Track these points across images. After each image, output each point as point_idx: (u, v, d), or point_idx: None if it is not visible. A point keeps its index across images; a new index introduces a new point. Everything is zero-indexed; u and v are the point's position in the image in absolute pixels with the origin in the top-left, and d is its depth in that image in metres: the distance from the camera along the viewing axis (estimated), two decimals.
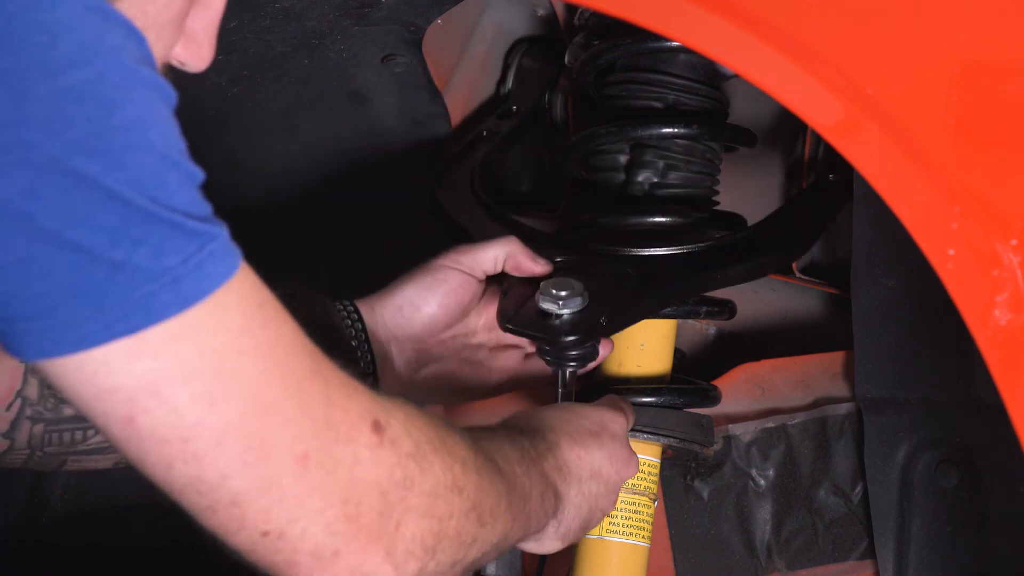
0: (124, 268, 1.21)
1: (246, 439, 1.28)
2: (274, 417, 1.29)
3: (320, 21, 2.01)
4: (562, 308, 1.79)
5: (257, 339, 1.28)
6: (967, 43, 1.51)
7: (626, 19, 1.58)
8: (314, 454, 1.31)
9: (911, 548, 2.01)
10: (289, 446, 1.30)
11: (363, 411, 1.35)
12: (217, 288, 1.26)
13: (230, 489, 1.29)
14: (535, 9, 2.13)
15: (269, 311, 1.31)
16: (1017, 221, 1.48)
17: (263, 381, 1.29)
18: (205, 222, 1.26)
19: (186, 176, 1.25)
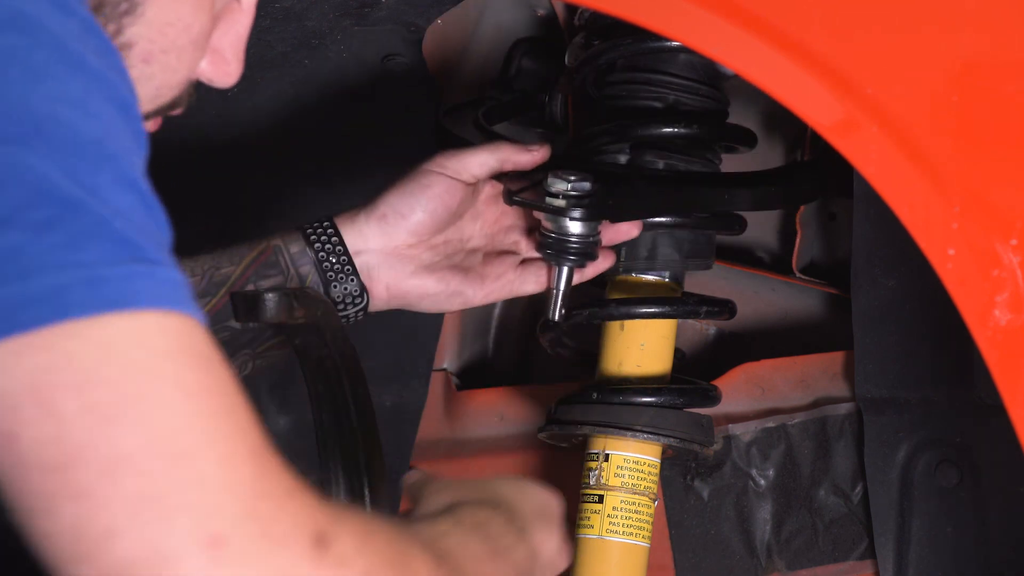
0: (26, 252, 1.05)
1: (143, 484, 1.05)
2: (186, 471, 1.06)
3: (320, 21, 2.01)
4: (571, 188, 1.79)
5: (185, 375, 1.09)
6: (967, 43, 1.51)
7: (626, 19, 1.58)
8: (234, 544, 1.07)
9: (911, 548, 2.01)
10: (201, 518, 1.06)
11: (307, 518, 1.11)
12: (148, 307, 1.08)
13: (117, 552, 1.05)
14: (535, 9, 2.13)
15: (216, 366, 1.12)
16: (1017, 221, 1.48)
17: (180, 421, 1.07)
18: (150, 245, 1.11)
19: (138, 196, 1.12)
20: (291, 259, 1.80)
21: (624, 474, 1.93)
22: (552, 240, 1.83)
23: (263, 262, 1.80)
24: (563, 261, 1.84)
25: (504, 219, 1.90)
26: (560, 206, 1.79)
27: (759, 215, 2.18)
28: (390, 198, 1.84)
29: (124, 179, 1.11)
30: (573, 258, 1.83)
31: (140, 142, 1.16)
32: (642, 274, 1.96)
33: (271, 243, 1.81)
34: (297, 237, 1.81)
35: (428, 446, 2.30)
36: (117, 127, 1.13)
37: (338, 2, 1.98)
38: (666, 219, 1.93)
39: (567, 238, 1.83)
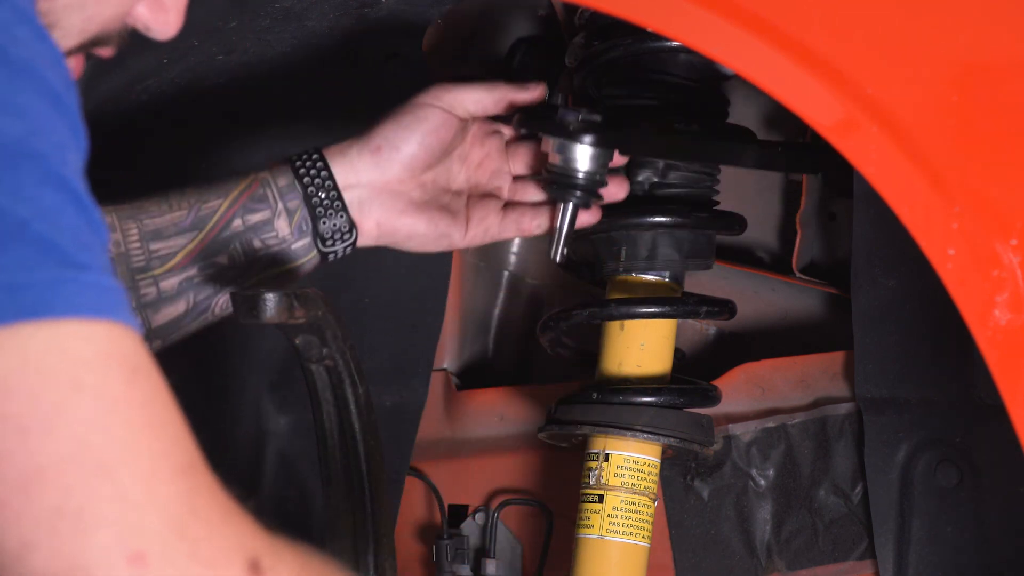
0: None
1: (60, 498, 1.01)
2: (105, 486, 1.02)
3: (320, 21, 2.01)
4: (582, 119, 1.78)
5: (108, 386, 1.04)
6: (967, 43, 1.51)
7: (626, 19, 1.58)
8: (155, 561, 1.02)
9: (911, 548, 2.01)
10: (121, 534, 1.02)
11: (240, 543, 1.07)
12: (73, 316, 1.04)
13: (34, 566, 1.01)
14: (535, 9, 2.13)
15: (144, 377, 1.07)
16: (1017, 221, 1.48)
17: (100, 435, 1.03)
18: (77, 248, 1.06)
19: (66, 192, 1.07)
20: (279, 193, 1.77)
21: (624, 474, 1.93)
22: (558, 173, 1.82)
23: (250, 195, 1.77)
24: (568, 196, 1.81)
25: (489, 162, 1.87)
26: (570, 131, 1.78)
27: (759, 215, 2.18)
28: (385, 130, 1.80)
29: (51, 177, 1.06)
30: (579, 194, 1.82)
31: (77, 136, 1.11)
32: (642, 274, 1.96)
33: (259, 176, 1.78)
34: (286, 170, 1.78)
35: (428, 446, 2.31)
36: (47, 122, 1.08)
37: (338, 2, 1.98)
38: (666, 219, 1.93)
39: (573, 172, 1.81)
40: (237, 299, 1.65)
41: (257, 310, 1.63)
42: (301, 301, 1.66)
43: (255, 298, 1.63)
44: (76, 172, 1.09)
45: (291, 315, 1.65)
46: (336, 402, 1.74)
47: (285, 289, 1.66)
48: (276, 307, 1.64)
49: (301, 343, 1.71)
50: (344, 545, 1.74)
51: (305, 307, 1.66)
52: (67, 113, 1.11)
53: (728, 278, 2.20)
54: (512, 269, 2.33)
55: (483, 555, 2.24)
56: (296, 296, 1.65)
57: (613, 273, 1.97)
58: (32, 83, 1.08)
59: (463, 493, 2.29)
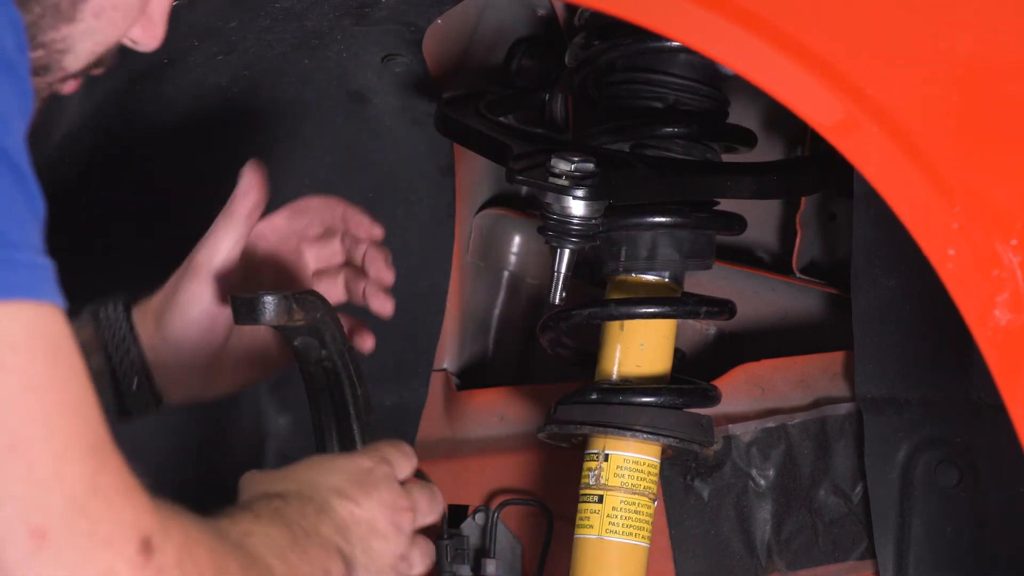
0: None
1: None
2: (16, 463, 1.08)
3: (320, 21, 2.01)
4: (574, 168, 1.78)
5: (30, 367, 1.09)
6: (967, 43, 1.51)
7: (626, 19, 1.58)
8: (55, 537, 1.09)
9: (911, 548, 2.01)
10: (25, 510, 1.08)
11: (135, 522, 1.13)
12: (5, 298, 1.08)
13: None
14: (535, 9, 2.13)
15: (64, 359, 1.12)
16: (1017, 221, 1.48)
17: (16, 413, 1.09)
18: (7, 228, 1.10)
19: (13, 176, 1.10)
20: None
21: (624, 474, 1.93)
22: (554, 222, 1.82)
23: None
24: (565, 243, 1.82)
25: None
26: (563, 185, 1.78)
27: (759, 215, 2.18)
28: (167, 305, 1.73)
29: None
30: (575, 240, 1.82)
31: (24, 101, 1.15)
32: (642, 274, 1.96)
33: None
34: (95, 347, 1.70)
35: (428, 446, 2.30)
36: None
37: (338, 2, 1.98)
38: (666, 219, 1.93)
39: (569, 220, 1.81)
40: (236, 301, 1.64)
41: (256, 312, 1.63)
42: (300, 303, 1.66)
43: (254, 301, 1.63)
44: (17, 141, 1.12)
45: (290, 317, 1.65)
46: (334, 404, 1.74)
47: (284, 292, 1.65)
48: (275, 309, 1.64)
49: (300, 345, 1.71)
50: None
51: (304, 309, 1.66)
52: (15, 78, 1.14)
53: (728, 278, 2.20)
54: (512, 269, 2.33)
55: (483, 555, 2.24)
56: (295, 298, 1.65)
57: (613, 273, 1.97)
58: None
59: (463, 493, 2.29)
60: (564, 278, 1.84)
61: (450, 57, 2.14)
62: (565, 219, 1.81)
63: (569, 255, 1.83)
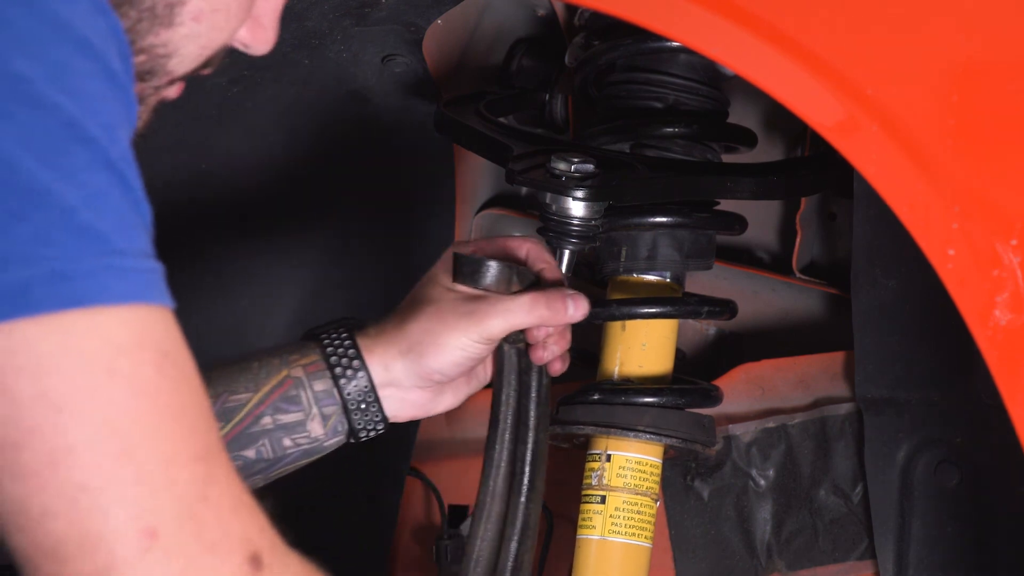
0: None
1: (86, 475, 1.09)
2: (128, 468, 1.10)
3: (320, 21, 2.01)
4: (574, 169, 1.78)
5: (140, 373, 1.11)
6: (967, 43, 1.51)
7: (626, 19, 1.58)
8: (165, 537, 1.11)
9: (911, 548, 2.01)
10: (137, 512, 1.10)
11: (245, 535, 1.15)
12: (111, 304, 1.10)
13: (51, 533, 1.10)
14: (535, 9, 2.13)
15: (173, 364, 1.14)
16: (1017, 221, 1.48)
17: (128, 419, 1.11)
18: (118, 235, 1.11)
19: (111, 171, 1.12)
20: (314, 397, 1.71)
21: (626, 474, 1.93)
22: (554, 223, 1.82)
23: (282, 394, 1.71)
24: (564, 244, 1.83)
25: None
26: (563, 186, 1.79)
27: (759, 215, 2.18)
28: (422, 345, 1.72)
29: (100, 160, 1.12)
30: (575, 240, 1.82)
31: (129, 112, 1.16)
32: (643, 274, 1.96)
33: (292, 373, 1.71)
34: (323, 373, 1.71)
35: (428, 446, 2.30)
36: (101, 101, 1.13)
37: (338, 2, 1.98)
38: (667, 219, 1.93)
39: (569, 220, 1.81)
40: (461, 260, 1.68)
41: (478, 275, 1.67)
42: (520, 277, 1.69)
43: (479, 263, 1.68)
44: (125, 151, 1.14)
45: (508, 288, 1.68)
46: (519, 388, 1.76)
47: (508, 262, 1.68)
48: (497, 275, 1.68)
49: None
50: (490, 529, 1.76)
51: (521, 283, 1.70)
52: (121, 89, 1.15)
53: (728, 278, 2.20)
54: None
55: None
56: (517, 271, 1.68)
57: (614, 273, 1.97)
58: (91, 59, 1.13)
59: (463, 493, 2.29)
60: (564, 279, 1.84)
61: (450, 57, 2.14)
62: (565, 220, 1.81)
63: (569, 256, 1.84)
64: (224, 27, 1.35)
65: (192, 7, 1.32)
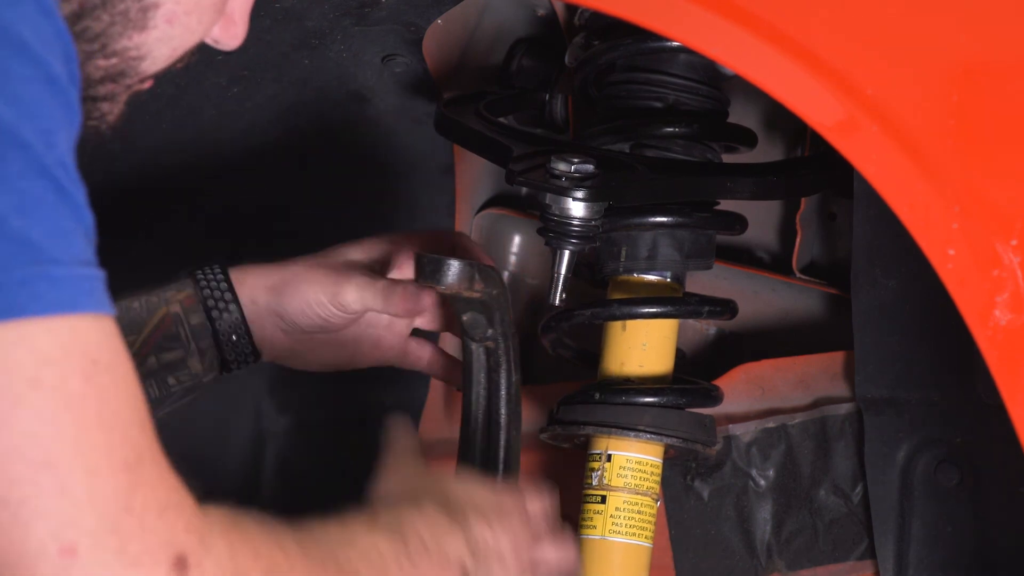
0: None
1: (5, 488, 1.07)
2: (48, 481, 1.08)
3: (320, 21, 2.01)
4: (574, 170, 1.78)
5: (66, 384, 1.09)
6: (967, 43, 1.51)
7: (626, 19, 1.58)
8: (84, 554, 1.09)
9: (911, 548, 2.01)
10: (56, 527, 1.08)
11: (169, 539, 1.12)
12: (38, 315, 1.08)
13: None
14: (535, 9, 2.13)
15: (104, 371, 1.12)
16: (1017, 221, 1.48)
17: (51, 431, 1.08)
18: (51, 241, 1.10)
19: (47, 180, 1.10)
20: (191, 333, 1.76)
21: (627, 474, 1.93)
22: (554, 223, 1.82)
23: (163, 333, 1.75)
24: (564, 244, 1.83)
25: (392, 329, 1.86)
26: (563, 186, 1.78)
27: (759, 215, 2.18)
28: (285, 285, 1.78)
29: (35, 167, 1.10)
30: (575, 241, 1.82)
31: (70, 114, 1.14)
32: (643, 274, 1.96)
33: (169, 311, 1.75)
34: (196, 307, 1.76)
35: (428, 446, 2.30)
36: (39, 105, 1.11)
37: (338, 2, 1.98)
38: (667, 219, 1.93)
39: (569, 221, 1.81)
40: (422, 260, 1.68)
41: (440, 274, 1.66)
42: (483, 275, 1.68)
43: (440, 262, 1.67)
44: (62, 156, 1.12)
45: (470, 286, 1.68)
46: (488, 386, 1.76)
47: (471, 261, 1.68)
48: (458, 275, 1.67)
49: (468, 320, 1.73)
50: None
51: (484, 281, 1.69)
52: (61, 92, 1.13)
53: (728, 278, 2.20)
54: (512, 269, 2.33)
55: None
56: (479, 269, 1.67)
57: (614, 273, 1.97)
58: (29, 64, 1.11)
59: None
60: (564, 279, 1.84)
61: (450, 57, 2.14)
62: (565, 220, 1.81)
63: (569, 256, 1.84)
64: (196, 28, 1.35)
65: (165, 10, 1.32)
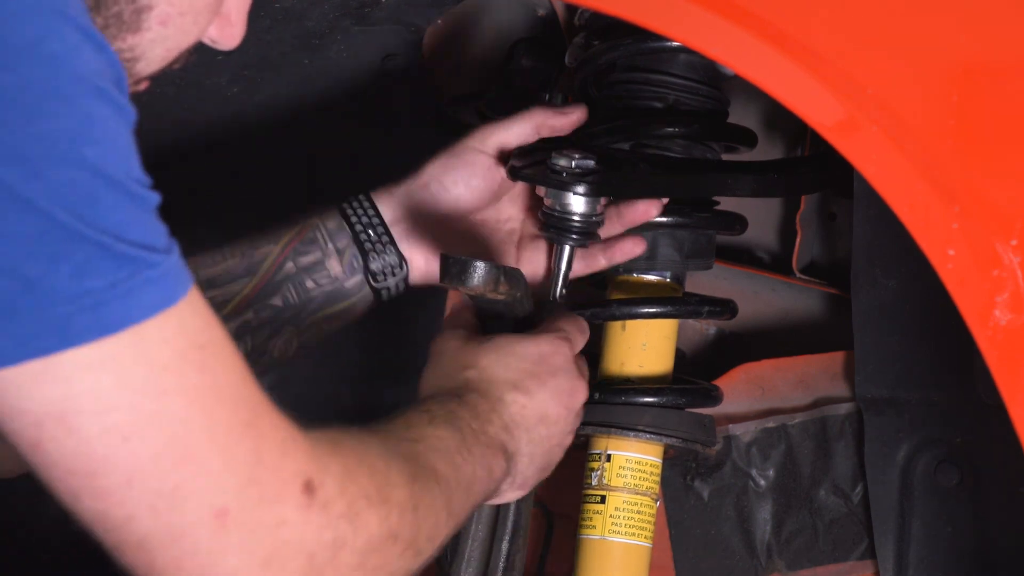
0: (40, 285, 1.16)
1: (158, 484, 1.22)
2: (192, 466, 1.23)
3: (320, 21, 2.01)
4: (575, 165, 1.79)
5: (186, 381, 1.22)
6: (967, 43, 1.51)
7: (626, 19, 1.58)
8: (235, 512, 1.24)
9: (911, 548, 2.01)
10: (207, 499, 1.23)
11: (296, 470, 1.28)
12: (147, 319, 1.20)
13: (136, 532, 1.23)
14: (535, 9, 2.13)
15: (210, 353, 1.24)
16: (1017, 221, 1.48)
17: (185, 427, 1.22)
18: (144, 248, 1.20)
19: (128, 197, 1.20)
20: (328, 235, 1.83)
21: (626, 474, 1.93)
22: (554, 218, 1.83)
23: (301, 239, 1.83)
24: (564, 239, 1.83)
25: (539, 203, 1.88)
26: (564, 180, 1.79)
27: (759, 215, 2.18)
28: (434, 169, 1.85)
29: (117, 188, 1.19)
30: (575, 236, 1.83)
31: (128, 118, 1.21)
32: (643, 274, 1.96)
33: (309, 221, 1.84)
34: (334, 213, 1.83)
35: None
36: (110, 127, 1.19)
37: (338, 2, 1.98)
38: (667, 219, 1.93)
39: (569, 216, 1.82)
40: (448, 261, 1.69)
41: (465, 275, 1.67)
42: (507, 277, 1.69)
43: (466, 263, 1.68)
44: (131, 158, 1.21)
45: (495, 288, 1.69)
46: None
47: (496, 264, 1.69)
48: (484, 276, 1.68)
49: (492, 327, 1.73)
50: (481, 529, 1.76)
51: (509, 284, 1.70)
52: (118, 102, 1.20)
53: (728, 278, 2.20)
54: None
55: None
56: (504, 271, 1.68)
57: (613, 273, 1.97)
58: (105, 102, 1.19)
59: None
60: (564, 275, 1.84)
61: (450, 57, 2.14)
62: (566, 215, 1.82)
63: (569, 251, 1.84)
64: (191, 29, 1.36)
65: (159, 11, 1.33)
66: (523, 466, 1.68)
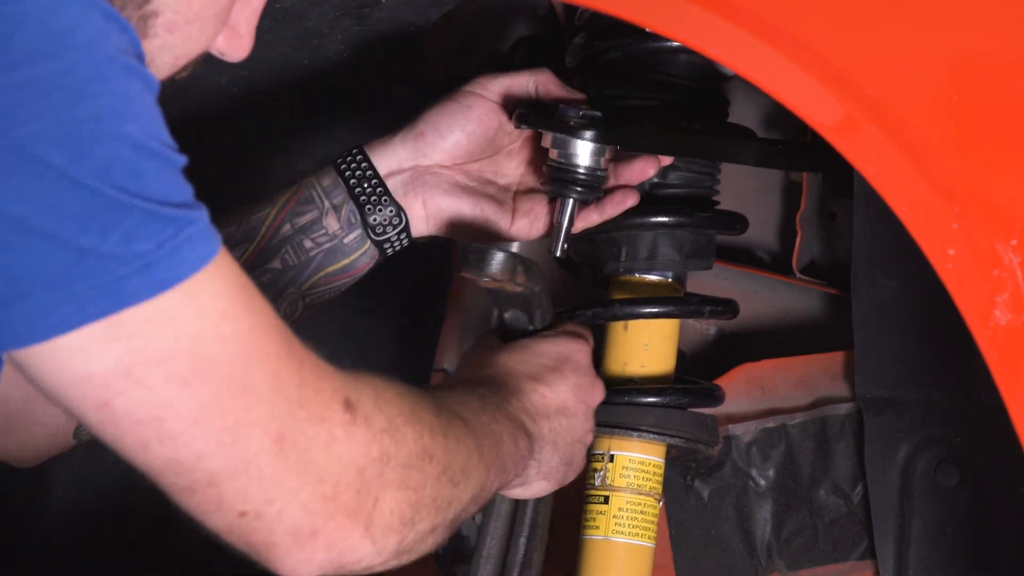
0: (93, 254, 1.22)
1: (221, 419, 1.30)
2: (249, 398, 1.31)
3: (320, 21, 2.01)
4: (582, 115, 1.79)
5: (238, 325, 1.30)
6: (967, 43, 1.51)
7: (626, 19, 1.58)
8: (289, 434, 1.33)
9: (911, 548, 2.01)
10: (265, 426, 1.31)
11: (334, 390, 1.37)
12: (194, 273, 1.26)
13: (206, 469, 1.31)
14: (535, 9, 2.13)
15: (252, 292, 1.32)
16: (1017, 221, 1.48)
17: (240, 364, 1.30)
18: (182, 207, 1.26)
19: (164, 163, 1.26)
20: (323, 192, 1.82)
21: (630, 475, 1.93)
22: (559, 170, 1.82)
23: (297, 199, 1.83)
24: (568, 192, 1.82)
25: (539, 159, 1.88)
26: (570, 126, 1.78)
27: (759, 215, 2.18)
28: (429, 116, 1.85)
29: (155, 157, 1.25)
30: (579, 190, 1.82)
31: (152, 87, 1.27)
32: (644, 274, 1.96)
33: (304, 180, 1.84)
34: (329, 170, 1.83)
35: None
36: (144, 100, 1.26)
37: (338, 2, 1.98)
38: (667, 219, 1.93)
39: (574, 168, 1.81)
40: (466, 249, 1.71)
41: (484, 263, 1.68)
42: (526, 268, 1.70)
43: (485, 251, 1.70)
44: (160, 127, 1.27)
45: (513, 278, 1.69)
46: None
47: (515, 254, 1.71)
48: (502, 265, 1.68)
49: (511, 318, 1.74)
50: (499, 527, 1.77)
51: (527, 275, 1.70)
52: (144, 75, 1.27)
53: (728, 278, 2.20)
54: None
55: None
56: (523, 261, 1.68)
57: (614, 274, 1.97)
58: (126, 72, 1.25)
59: None
60: (566, 230, 1.83)
61: (450, 57, 2.14)
62: (570, 167, 1.81)
63: (572, 206, 1.83)
64: (198, 38, 1.39)
65: (165, 19, 1.35)
66: (548, 455, 1.73)
